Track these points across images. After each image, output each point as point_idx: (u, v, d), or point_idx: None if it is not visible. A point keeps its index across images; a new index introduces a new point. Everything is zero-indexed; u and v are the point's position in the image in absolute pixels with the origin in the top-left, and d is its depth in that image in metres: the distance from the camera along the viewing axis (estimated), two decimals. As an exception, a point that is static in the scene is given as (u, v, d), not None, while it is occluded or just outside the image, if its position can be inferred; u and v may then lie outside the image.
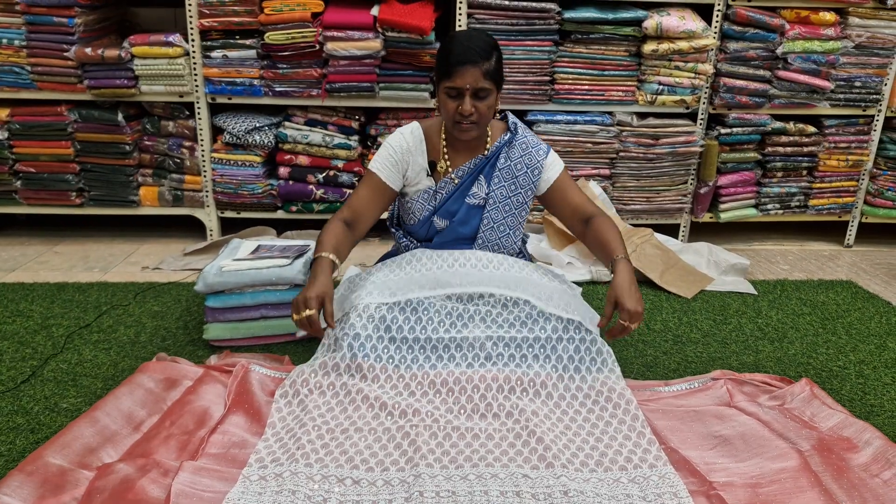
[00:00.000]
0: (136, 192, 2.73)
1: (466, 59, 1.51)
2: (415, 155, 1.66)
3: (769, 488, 1.28)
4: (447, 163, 1.69)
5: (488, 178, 1.68)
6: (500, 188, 1.68)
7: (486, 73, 1.53)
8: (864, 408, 1.68)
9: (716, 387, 1.67)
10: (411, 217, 1.73)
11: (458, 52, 1.52)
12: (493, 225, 1.69)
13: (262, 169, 2.70)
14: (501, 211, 1.69)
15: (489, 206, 1.68)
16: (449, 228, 1.70)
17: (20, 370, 1.74)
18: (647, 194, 2.86)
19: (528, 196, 1.70)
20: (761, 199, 2.94)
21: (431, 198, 1.69)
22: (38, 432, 1.48)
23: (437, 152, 1.69)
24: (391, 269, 1.68)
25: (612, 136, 2.75)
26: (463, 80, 1.52)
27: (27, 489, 1.20)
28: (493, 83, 1.55)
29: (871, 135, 2.89)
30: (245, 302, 1.86)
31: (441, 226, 1.71)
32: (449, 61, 1.53)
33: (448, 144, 1.69)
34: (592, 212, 1.69)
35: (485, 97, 1.55)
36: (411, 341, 1.56)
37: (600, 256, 1.65)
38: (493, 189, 1.68)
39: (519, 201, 1.69)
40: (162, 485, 1.22)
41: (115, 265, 2.55)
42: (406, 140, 1.66)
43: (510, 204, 1.69)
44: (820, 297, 2.39)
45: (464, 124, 1.57)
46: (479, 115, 1.56)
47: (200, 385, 1.57)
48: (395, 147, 1.66)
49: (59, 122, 2.60)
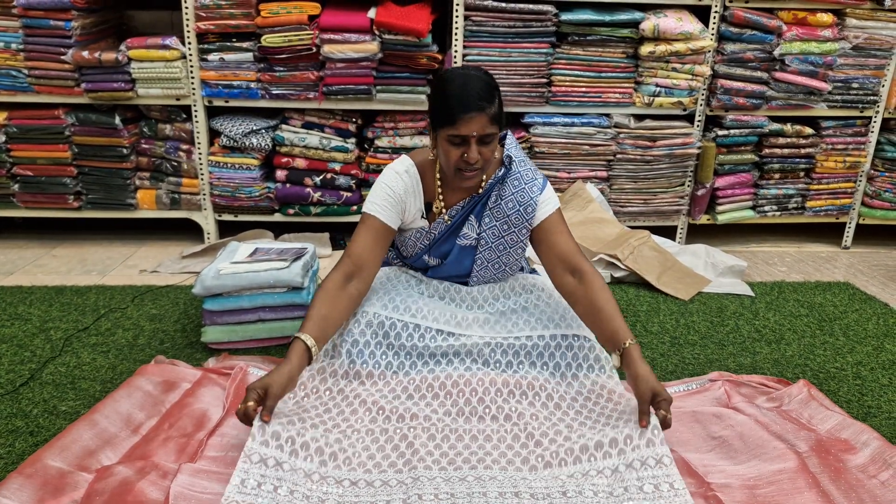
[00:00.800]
0: (133, 195, 2.73)
1: (471, 107, 1.40)
2: (412, 196, 1.59)
3: (767, 489, 1.28)
4: (441, 203, 1.61)
5: (479, 218, 1.60)
6: (492, 228, 1.59)
7: (491, 119, 1.43)
8: (861, 409, 1.69)
9: (713, 388, 1.67)
10: (406, 250, 1.70)
11: (460, 97, 1.41)
12: (487, 264, 1.64)
13: (260, 172, 2.71)
14: (494, 251, 1.62)
15: (481, 247, 1.62)
16: (442, 267, 1.67)
17: (19, 373, 1.74)
18: (645, 196, 2.86)
19: (523, 234, 1.60)
20: (758, 201, 2.95)
21: (424, 237, 1.63)
22: (38, 435, 1.48)
23: (432, 193, 1.60)
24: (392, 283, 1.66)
25: (610, 138, 2.75)
26: (469, 128, 1.41)
27: (27, 491, 1.20)
28: (497, 127, 1.46)
29: (869, 136, 2.90)
30: (243, 305, 1.86)
31: (433, 264, 1.68)
32: (451, 108, 1.41)
33: (443, 184, 1.60)
34: (583, 266, 1.53)
35: (489, 142, 1.46)
36: (409, 348, 1.55)
37: (599, 330, 1.49)
38: (483, 229, 1.60)
39: (512, 241, 1.61)
40: (161, 487, 1.22)
41: (112, 268, 2.55)
42: (403, 181, 1.56)
43: (503, 244, 1.61)
44: (817, 299, 2.39)
45: (467, 172, 1.48)
46: (483, 161, 1.47)
47: (199, 388, 1.58)
48: (392, 188, 1.55)
49: (56, 126, 2.60)
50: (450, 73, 1.49)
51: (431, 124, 1.50)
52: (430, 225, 1.62)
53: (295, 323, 1.90)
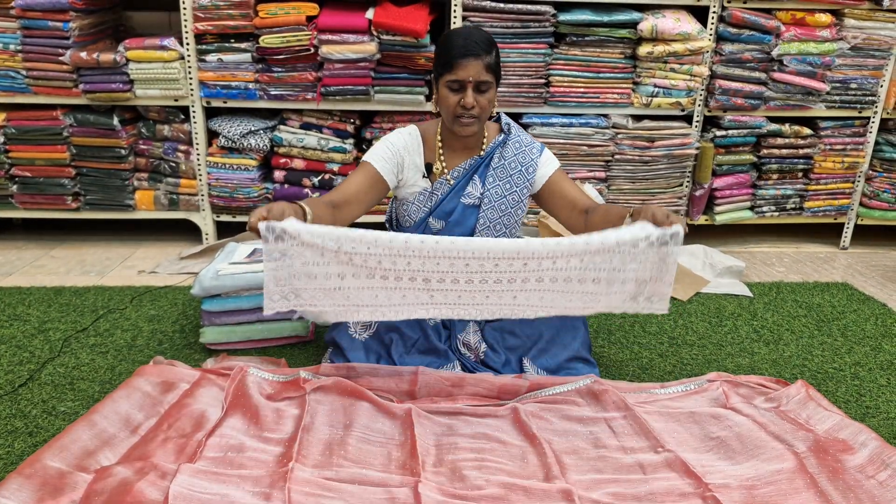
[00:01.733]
0: (131, 196, 2.73)
1: (469, 52, 1.53)
2: (412, 154, 1.68)
3: (765, 490, 1.28)
4: (443, 164, 1.70)
5: (483, 178, 1.70)
6: (495, 187, 1.69)
7: (487, 67, 1.55)
8: (859, 409, 1.69)
9: (711, 389, 1.67)
10: (407, 219, 1.74)
11: (459, 45, 1.54)
12: (490, 224, 1.70)
13: (258, 172, 2.70)
14: (497, 210, 1.70)
15: (484, 206, 1.69)
16: (445, 229, 1.70)
17: (18, 374, 1.74)
18: (643, 196, 2.86)
19: (524, 194, 1.70)
20: (756, 202, 2.95)
21: (427, 199, 1.70)
22: (37, 435, 1.48)
23: (433, 154, 1.71)
24: None
25: (608, 139, 2.75)
26: (466, 72, 1.54)
27: (26, 492, 1.20)
28: (493, 77, 1.58)
29: (867, 136, 2.90)
30: (241, 305, 1.86)
31: (437, 227, 1.71)
32: (451, 54, 1.54)
33: (444, 146, 1.70)
34: (591, 204, 1.68)
35: (486, 91, 1.57)
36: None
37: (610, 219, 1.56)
38: (487, 188, 1.69)
39: (514, 200, 1.70)
40: (160, 487, 1.22)
41: (111, 269, 2.55)
42: (404, 138, 1.68)
43: (506, 203, 1.70)
44: (815, 300, 2.40)
45: (464, 118, 1.59)
46: (479, 109, 1.58)
47: (197, 388, 1.57)
48: (392, 142, 1.67)
49: (54, 127, 2.59)
50: (454, 29, 1.65)
51: (434, 77, 1.63)
52: (432, 185, 1.68)
53: (294, 324, 1.90)
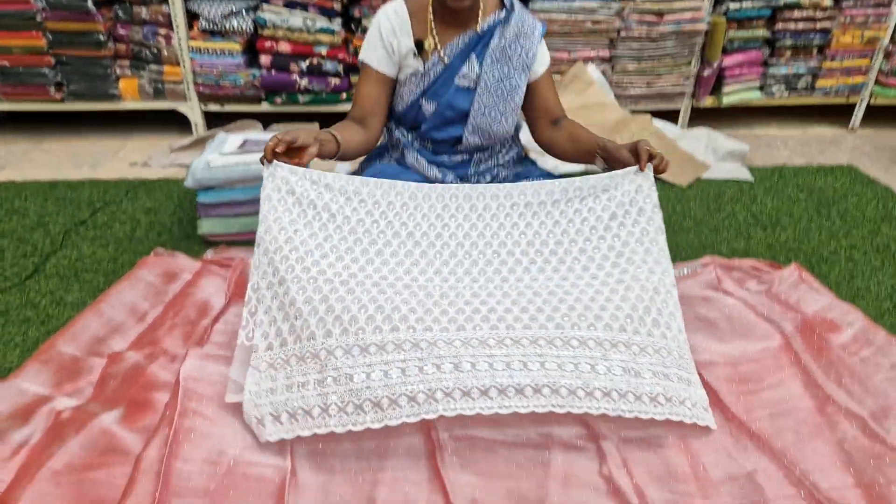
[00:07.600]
0: (115, 85, 2.63)
1: None
2: (400, 36, 1.54)
3: (749, 366, 1.33)
4: (435, 39, 1.56)
5: (480, 58, 1.56)
6: (494, 70, 1.56)
7: None
8: (850, 291, 1.71)
9: (705, 272, 1.69)
10: (400, 103, 1.64)
11: None
12: (484, 110, 1.59)
13: (243, 58, 2.58)
14: (493, 95, 1.58)
15: (480, 90, 1.57)
16: (437, 113, 1.59)
17: (23, 266, 1.77)
18: (648, 77, 2.74)
19: (522, 80, 1.59)
20: (767, 81, 2.83)
21: (420, 80, 1.57)
22: (48, 324, 1.53)
23: (424, 29, 1.56)
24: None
25: (614, 14, 2.59)
26: None
27: (44, 375, 1.27)
28: None
29: (892, 7, 2.72)
30: (237, 197, 1.85)
31: (430, 109, 1.60)
32: None
33: (436, 19, 1.55)
34: (561, 114, 1.63)
35: None
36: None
37: (580, 148, 1.52)
38: (485, 70, 1.56)
39: (513, 85, 1.58)
40: (170, 370, 1.28)
41: (103, 162, 2.51)
42: (390, 20, 1.54)
43: (503, 88, 1.58)
44: (818, 183, 2.37)
45: None
46: None
47: (200, 278, 1.60)
48: (378, 30, 1.54)
49: (26, 11, 2.44)
50: None
51: None
52: (424, 65, 1.56)
53: (291, 214, 1.89)
